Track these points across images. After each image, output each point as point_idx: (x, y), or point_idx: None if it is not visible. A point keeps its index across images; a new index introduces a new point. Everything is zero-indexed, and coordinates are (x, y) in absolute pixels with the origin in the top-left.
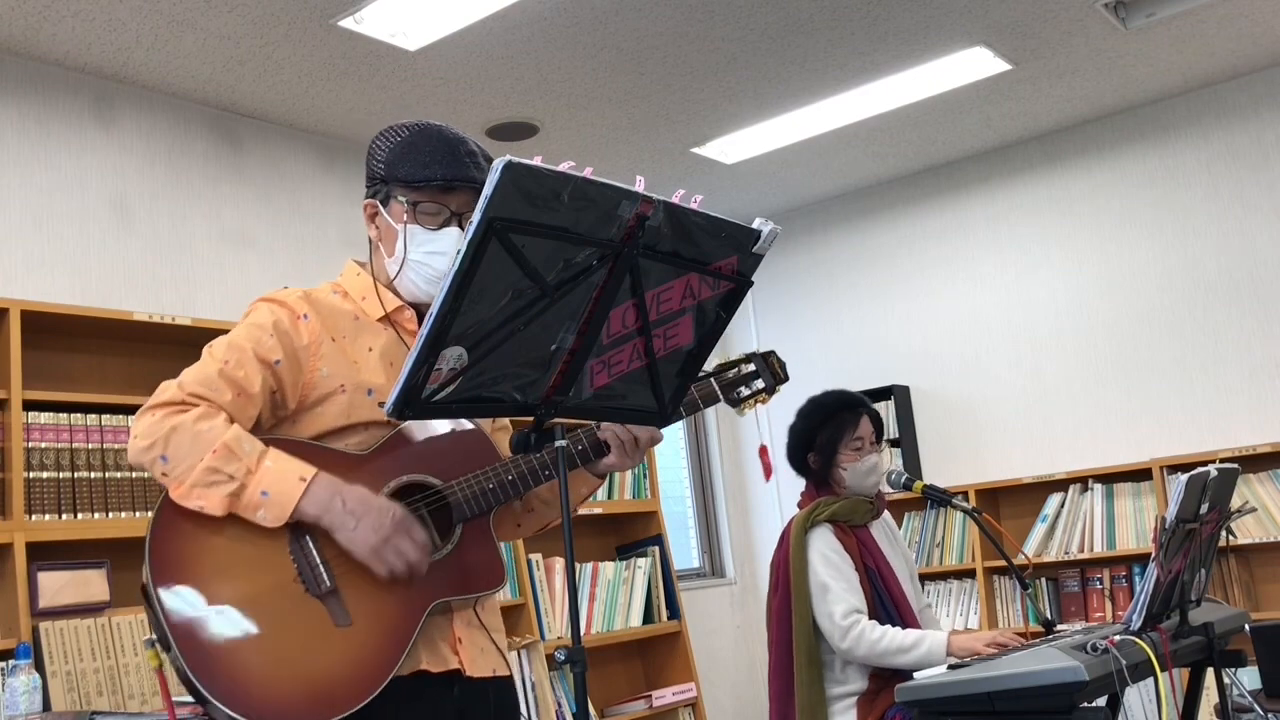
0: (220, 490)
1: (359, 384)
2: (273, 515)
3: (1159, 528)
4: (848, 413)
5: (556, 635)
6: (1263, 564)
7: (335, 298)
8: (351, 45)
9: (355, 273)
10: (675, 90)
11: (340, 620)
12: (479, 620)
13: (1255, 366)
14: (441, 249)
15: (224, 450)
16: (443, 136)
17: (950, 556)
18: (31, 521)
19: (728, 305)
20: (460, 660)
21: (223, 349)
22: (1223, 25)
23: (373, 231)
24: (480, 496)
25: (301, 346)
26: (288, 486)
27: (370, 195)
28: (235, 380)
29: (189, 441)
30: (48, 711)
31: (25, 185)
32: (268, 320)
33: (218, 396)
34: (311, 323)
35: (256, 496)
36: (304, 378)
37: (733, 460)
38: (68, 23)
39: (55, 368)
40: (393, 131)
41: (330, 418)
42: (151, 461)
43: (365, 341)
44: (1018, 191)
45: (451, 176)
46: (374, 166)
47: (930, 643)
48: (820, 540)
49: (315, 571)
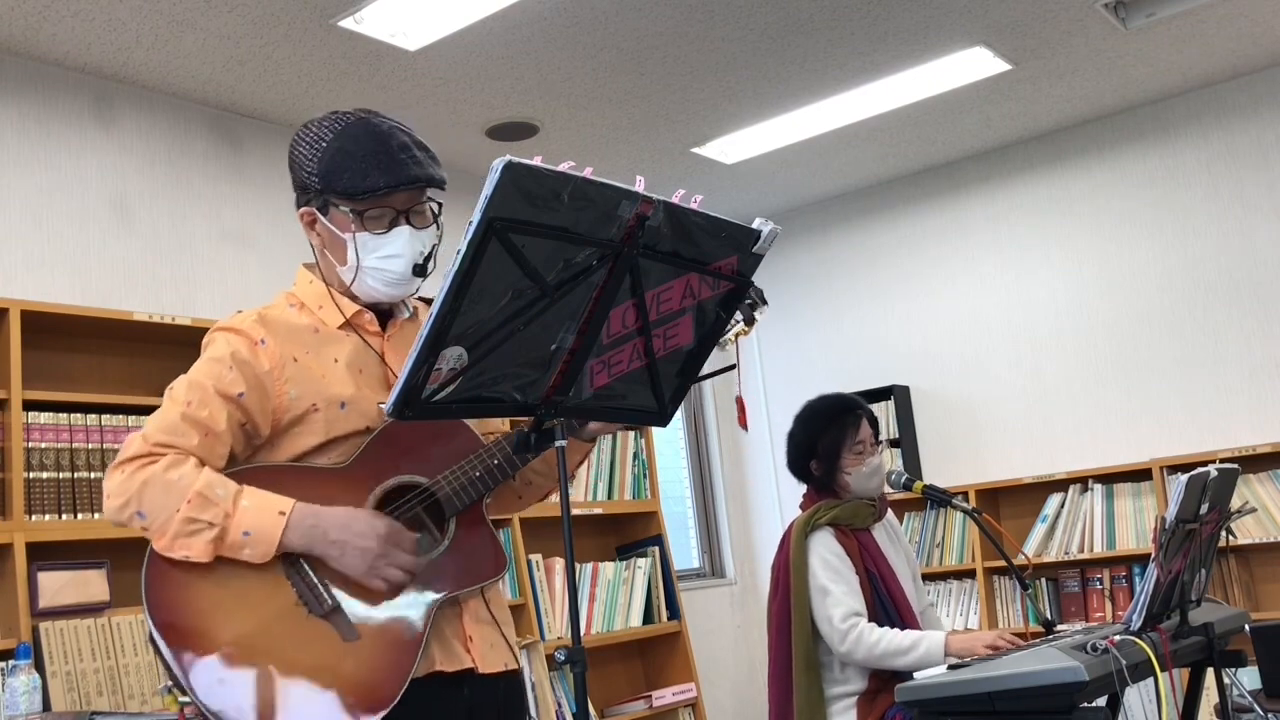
0: (202, 538)
1: (330, 399)
2: (259, 553)
3: (1159, 528)
4: (847, 416)
5: (556, 635)
6: (1263, 564)
7: (292, 312)
8: (351, 45)
9: (309, 280)
10: (675, 90)
11: (349, 635)
12: (489, 614)
13: (1255, 366)
14: (395, 251)
15: (198, 499)
16: (372, 136)
17: (950, 557)
18: (31, 521)
19: (728, 305)
20: (473, 657)
21: (183, 390)
22: (1223, 25)
23: (314, 239)
24: (469, 486)
25: (264, 373)
26: (268, 523)
27: (304, 203)
28: (199, 421)
29: (161, 493)
30: (48, 711)
31: (25, 185)
32: (225, 353)
33: (184, 442)
34: (270, 347)
35: (239, 538)
36: (272, 403)
37: (733, 460)
38: (68, 23)
39: (55, 368)
40: (316, 135)
41: (308, 437)
42: (129, 519)
43: (330, 353)
44: (1018, 191)
45: (393, 183)
46: (303, 177)
47: (928, 644)
48: (821, 544)
49: (315, 592)
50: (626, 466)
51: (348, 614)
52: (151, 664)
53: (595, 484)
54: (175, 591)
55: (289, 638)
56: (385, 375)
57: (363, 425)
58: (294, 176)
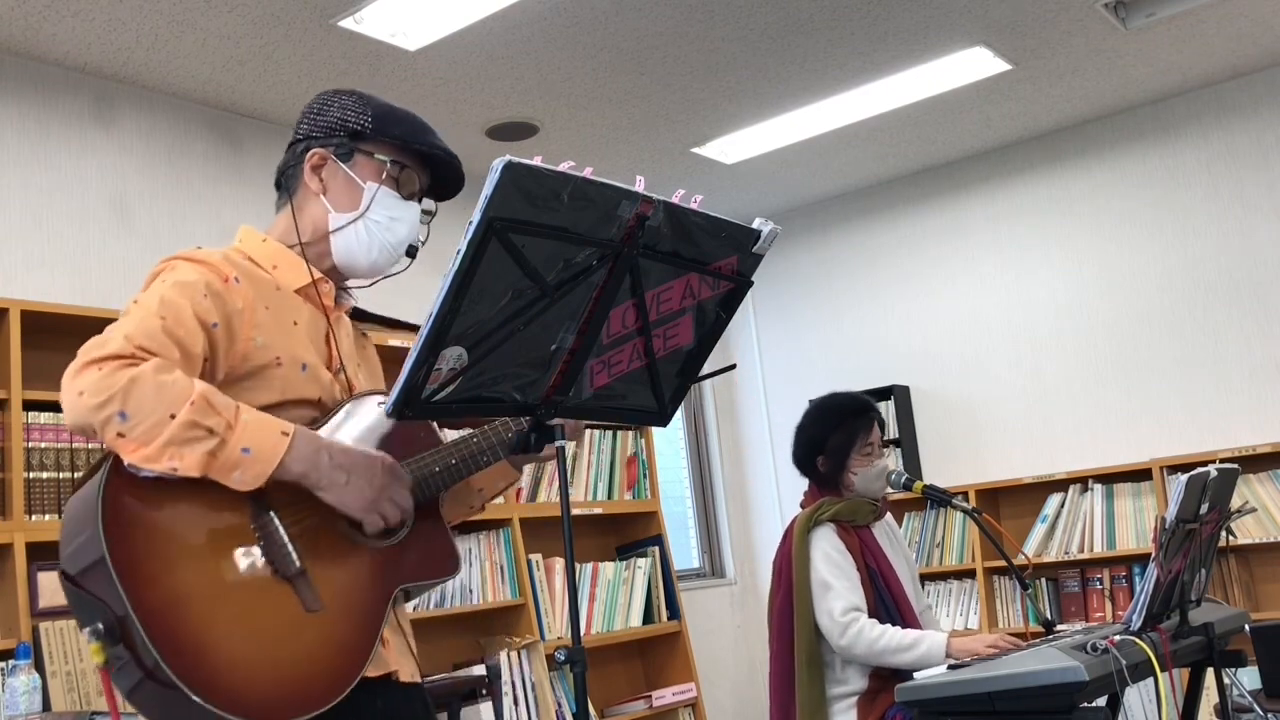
0: (200, 448)
1: (294, 357)
2: (251, 475)
3: (1159, 528)
4: (861, 418)
5: (556, 635)
6: (1263, 564)
7: (250, 265)
8: (351, 45)
9: (259, 240)
10: (675, 90)
11: (311, 605)
12: (398, 622)
13: (1255, 366)
14: (405, 218)
15: (201, 402)
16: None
17: (950, 557)
18: (31, 521)
19: (728, 305)
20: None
21: (155, 303)
22: (1223, 25)
23: (314, 183)
24: (428, 480)
25: (235, 311)
26: (269, 442)
27: (320, 145)
28: (178, 338)
29: (153, 394)
30: (48, 711)
31: (25, 185)
32: (198, 279)
33: (168, 353)
34: (243, 286)
35: (236, 454)
36: (237, 347)
37: (733, 460)
38: (68, 23)
39: (55, 368)
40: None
41: (264, 392)
42: (105, 420)
43: (290, 314)
44: (1018, 191)
45: (447, 153)
46: (344, 117)
47: (929, 643)
48: (823, 539)
49: (283, 550)
50: (626, 467)
51: (312, 580)
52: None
53: (595, 484)
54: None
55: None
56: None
57: (317, 394)
58: (318, 121)
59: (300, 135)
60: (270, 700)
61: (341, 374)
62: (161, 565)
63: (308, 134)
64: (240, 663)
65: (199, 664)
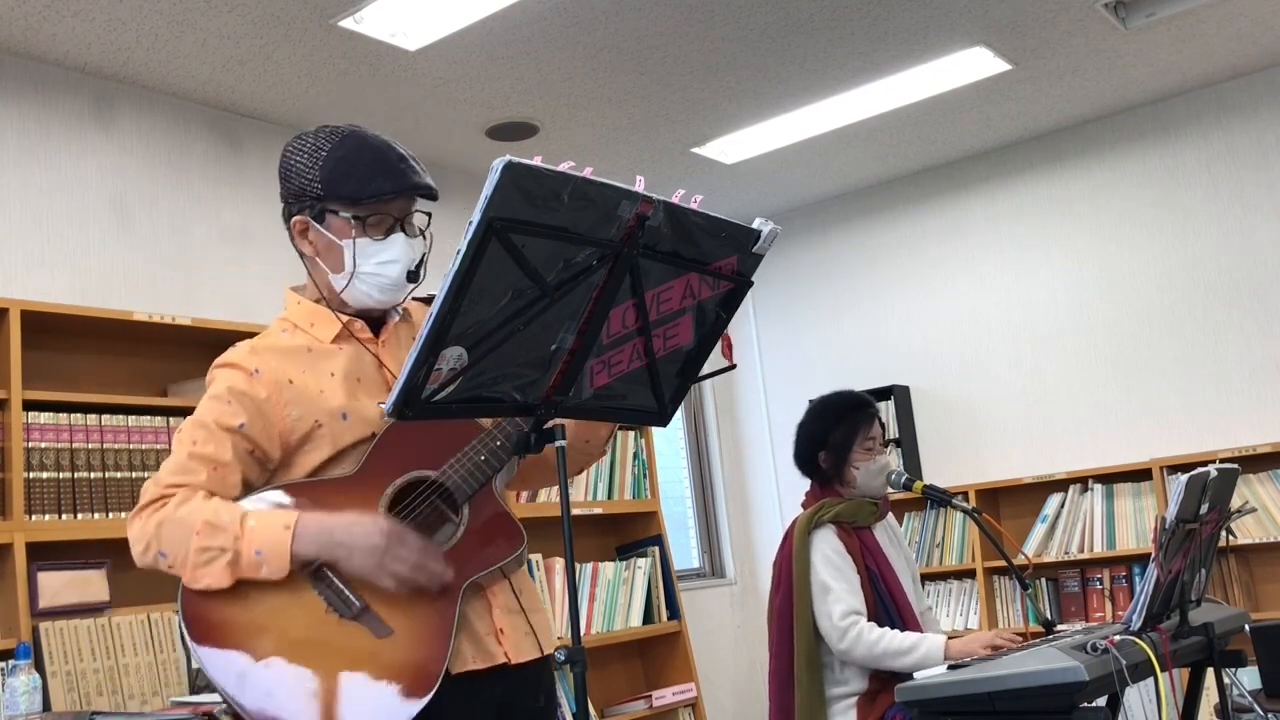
0: (218, 565)
1: (330, 412)
2: (274, 569)
3: (1159, 528)
4: (861, 413)
5: (556, 635)
6: (1263, 564)
7: (284, 336)
8: (351, 45)
9: (296, 302)
10: (675, 90)
11: (381, 633)
12: (519, 604)
13: (1255, 366)
14: (392, 256)
15: (205, 529)
16: (371, 147)
17: (950, 556)
18: (31, 521)
19: (728, 305)
20: (505, 650)
21: (189, 430)
22: (1223, 25)
23: (306, 248)
24: (475, 471)
25: (262, 400)
26: (276, 538)
27: (298, 212)
28: (206, 456)
29: (175, 530)
30: (48, 711)
31: (25, 185)
32: (223, 389)
33: (193, 479)
34: (264, 375)
35: (252, 558)
36: (277, 428)
37: (733, 460)
38: (68, 23)
39: (55, 368)
40: (314, 145)
41: (317, 453)
42: (153, 561)
43: (325, 368)
44: (1018, 191)
45: (397, 189)
46: (301, 183)
47: (928, 646)
48: (823, 541)
49: (341, 596)
50: (626, 466)
51: (377, 613)
52: (151, 664)
53: (595, 484)
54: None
55: (325, 642)
56: (384, 379)
57: (368, 433)
58: (288, 186)
59: (282, 198)
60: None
61: None
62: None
63: (284, 198)
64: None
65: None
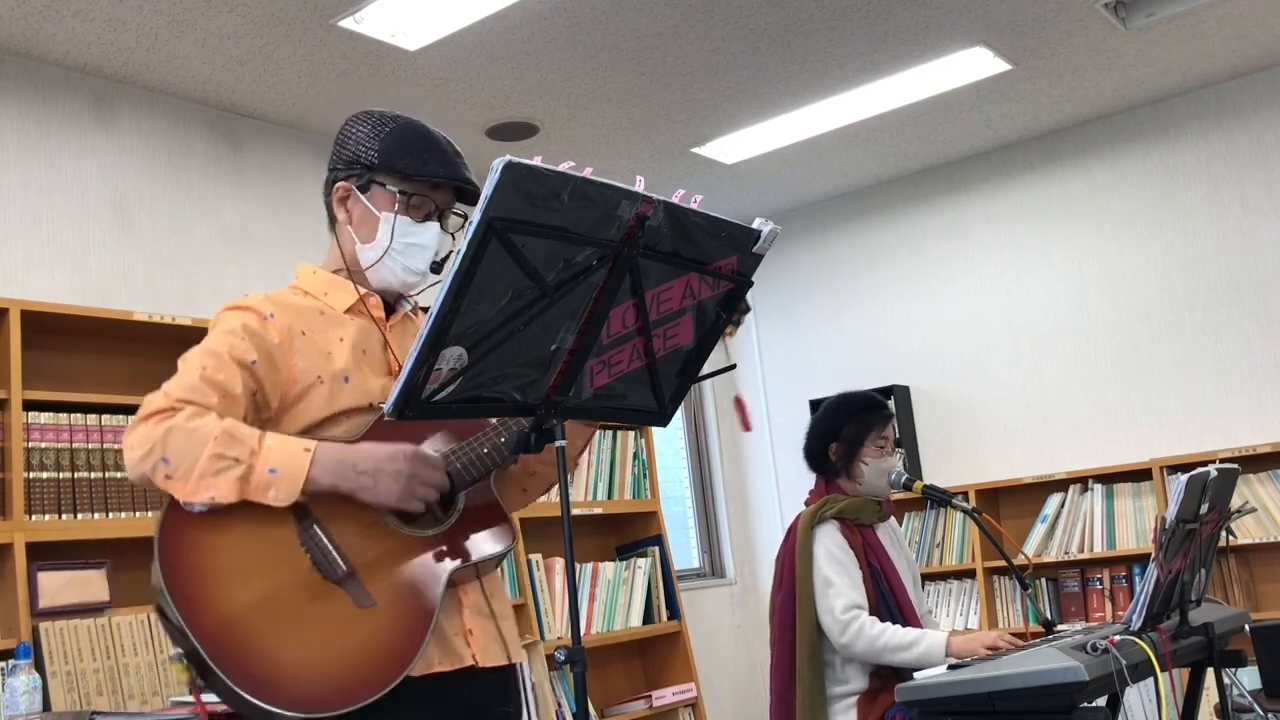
0: (229, 475)
1: (334, 374)
2: (284, 492)
3: (1159, 528)
4: (878, 413)
5: (556, 635)
6: (1263, 564)
7: (297, 296)
8: (351, 45)
9: (311, 273)
10: (675, 90)
11: (364, 601)
12: (489, 608)
13: (1255, 366)
14: (424, 241)
15: (224, 436)
16: (431, 133)
17: (950, 556)
18: (31, 521)
19: (728, 305)
20: (474, 652)
21: (199, 356)
22: (1223, 25)
23: (341, 214)
24: (477, 462)
25: (274, 345)
26: (294, 460)
27: (345, 177)
28: (218, 383)
29: (186, 438)
30: (48, 711)
31: (25, 185)
32: (237, 324)
33: (204, 399)
34: (279, 320)
35: (265, 475)
36: (282, 375)
37: (733, 460)
38: (68, 23)
39: (55, 368)
40: (378, 119)
41: (313, 410)
42: (153, 467)
43: (335, 333)
44: (1017, 191)
45: (449, 176)
46: (357, 151)
47: (929, 642)
48: (826, 536)
49: (329, 558)
50: (626, 466)
51: (362, 580)
52: (152, 664)
53: (595, 484)
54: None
55: (304, 604)
56: (388, 361)
57: (365, 402)
58: (341, 152)
59: (330, 166)
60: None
61: None
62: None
63: (333, 165)
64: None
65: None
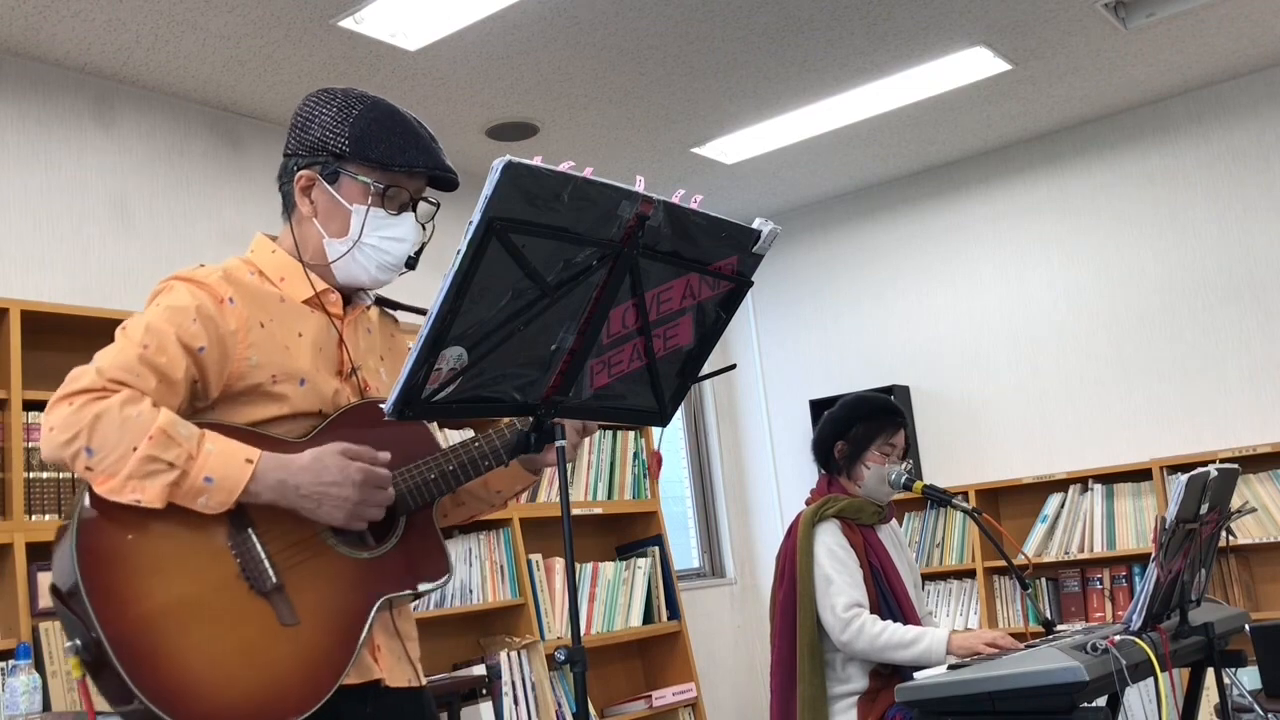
0: (159, 480)
1: (290, 373)
2: (216, 501)
3: (1159, 528)
4: (890, 418)
5: (556, 635)
6: (1263, 564)
7: (255, 279)
8: (351, 45)
9: (269, 250)
10: (675, 90)
11: (287, 619)
12: (394, 627)
13: (1255, 366)
14: (400, 235)
15: (161, 436)
16: (405, 117)
17: (950, 556)
18: (31, 521)
19: (728, 305)
20: (381, 668)
21: (140, 332)
22: (1223, 25)
23: (305, 205)
24: (422, 488)
25: (229, 333)
26: (232, 471)
27: (306, 165)
28: (158, 366)
29: (116, 429)
30: (48, 711)
31: (25, 185)
32: (189, 303)
33: (140, 383)
34: (238, 307)
35: (199, 482)
36: (230, 367)
37: (733, 460)
38: (68, 23)
39: (55, 368)
40: (342, 100)
41: (261, 408)
42: (74, 455)
43: (294, 326)
44: (1017, 192)
45: (429, 165)
46: (324, 137)
47: (930, 640)
48: (827, 534)
49: (259, 567)
50: (626, 466)
51: (289, 595)
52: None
53: (595, 484)
54: (110, 543)
55: (224, 611)
56: (341, 359)
57: (316, 407)
58: (304, 136)
59: (289, 150)
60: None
61: (354, 377)
62: (135, 588)
63: (295, 151)
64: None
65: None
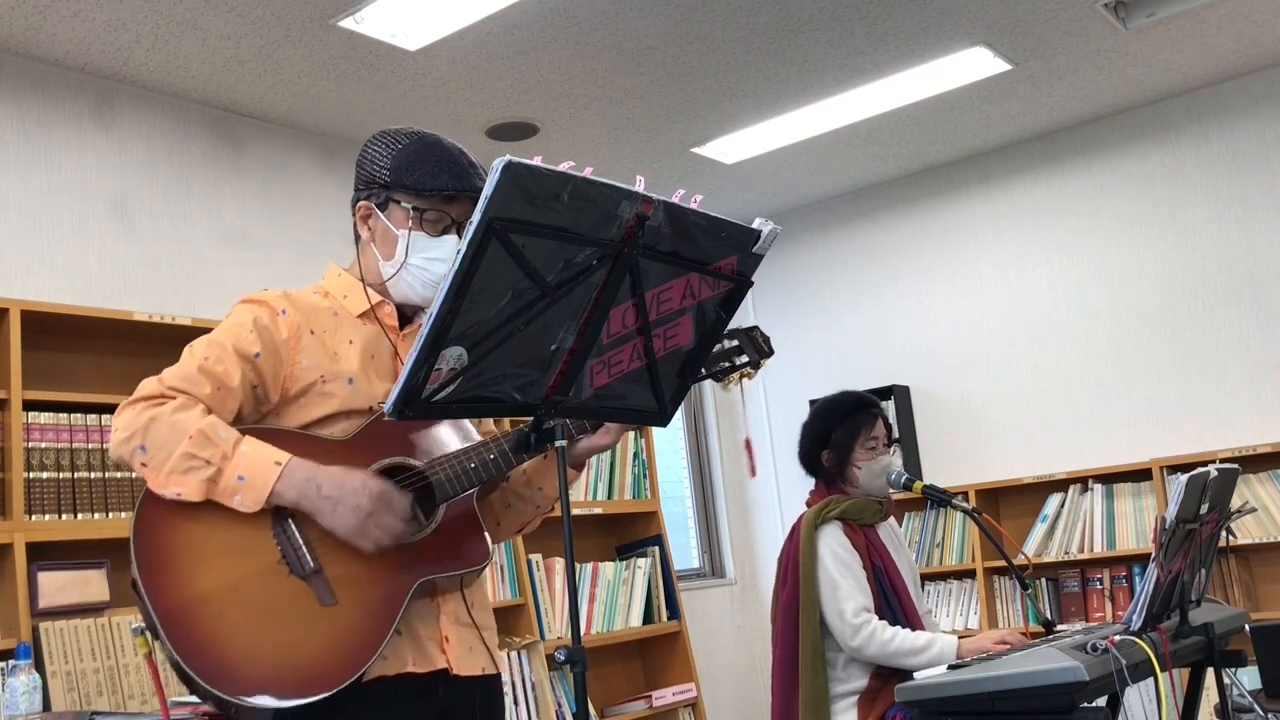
0: (197, 476)
1: (338, 374)
2: (249, 500)
3: (1159, 528)
4: (863, 412)
5: (556, 635)
6: (1263, 564)
7: (315, 297)
8: (351, 45)
9: (336, 274)
10: (675, 90)
11: (325, 599)
12: (469, 617)
13: (1255, 366)
14: (441, 255)
15: (199, 436)
16: (444, 146)
17: (950, 557)
18: (31, 521)
19: (728, 305)
20: (448, 659)
21: (203, 346)
22: (1223, 25)
23: (364, 232)
24: (462, 476)
25: (281, 340)
26: (263, 471)
27: (365, 197)
28: (214, 374)
29: (166, 430)
30: (48, 711)
31: (25, 185)
32: (247, 318)
33: (196, 390)
34: (290, 317)
35: (233, 481)
36: (285, 370)
37: (733, 460)
38: (68, 23)
39: (55, 368)
40: (392, 138)
41: (313, 409)
42: (131, 453)
43: (345, 334)
44: (1017, 191)
45: (460, 187)
46: (374, 171)
47: (941, 645)
48: (830, 537)
49: (299, 553)
50: (626, 466)
51: (328, 578)
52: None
53: (595, 484)
54: (163, 534)
55: (265, 594)
56: (395, 369)
57: (366, 405)
58: (361, 173)
59: (354, 187)
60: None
61: None
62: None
63: (356, 186)
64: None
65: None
